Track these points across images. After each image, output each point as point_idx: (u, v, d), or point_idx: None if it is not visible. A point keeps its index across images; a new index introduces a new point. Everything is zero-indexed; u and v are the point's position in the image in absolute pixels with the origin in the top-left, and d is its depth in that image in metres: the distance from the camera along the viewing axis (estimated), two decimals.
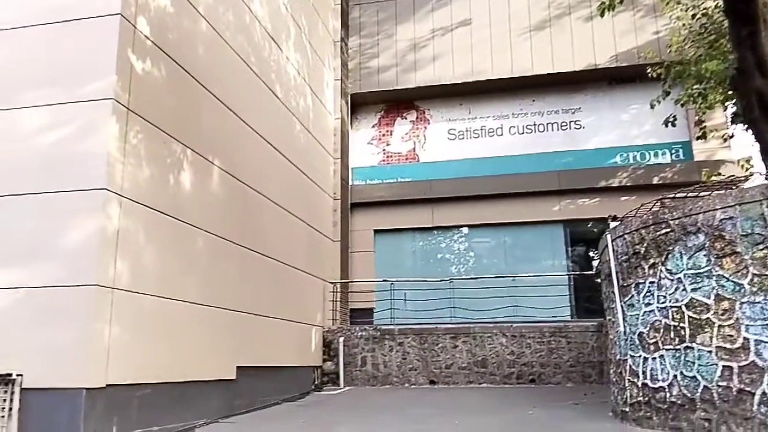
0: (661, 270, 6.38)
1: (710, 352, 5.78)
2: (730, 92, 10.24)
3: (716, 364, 5.71)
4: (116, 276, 6.50)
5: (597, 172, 14.02)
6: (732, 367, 5.58)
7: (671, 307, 6.22)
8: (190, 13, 8.51)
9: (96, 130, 6.64)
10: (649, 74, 11.77)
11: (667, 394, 6.14)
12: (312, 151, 13.12)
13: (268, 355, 10.12)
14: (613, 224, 7.46)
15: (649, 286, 6.55)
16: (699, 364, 5.86)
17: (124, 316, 6.55)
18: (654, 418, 6.31)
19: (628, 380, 6.82)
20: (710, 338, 5.80)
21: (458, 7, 15.39)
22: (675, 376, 6.08)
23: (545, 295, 12.40)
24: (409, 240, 15.09)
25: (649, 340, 6.48)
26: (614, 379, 7.43)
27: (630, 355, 6.82)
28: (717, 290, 5.82)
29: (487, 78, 14.74)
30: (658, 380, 6.29)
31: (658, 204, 7.16)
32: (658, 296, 6.41)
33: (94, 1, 7.02)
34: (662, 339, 6.29)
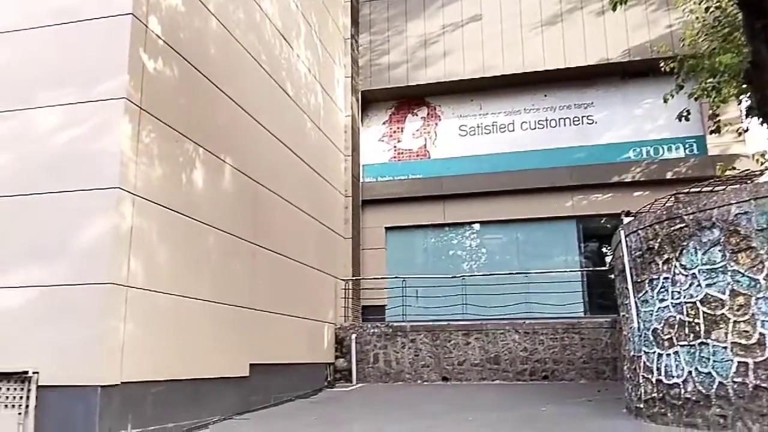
0: (676, 266, 6.33)
1: (725, 348, 5.73)
2: (745, 86, 10.15)
3: (731, 360, 5.66)
4: (130, 274, 6.55)
5: (610, 168, 13.92)
6: (747, 363, 5.53)
7: (686, 302, 6.17)
8: (201, 12, 8.55)
9: (109, 130, 6.68)
10: (662, 68, 11.66)
11: (682, 391, 6.10)
12: (323, 149, 13.14)
13: (280, 353, 10.16)
14: (626, 220, 7.41)
15: (663, 282, 6.50)
16: (714, 360, 5.81)
17: (138, 314, 6.60)
18: (669, 415, 6.27)
19: (643, 376, 6.78)
20: (725, 334, 5.75)
21: (469, 2, 15.33)
22: (690, 373, 6.03)
23: (558, 292, 12.34)
24: (421, 237, 15.08)
25: (663, 336, 6.44)
26: (628, 376, 7.39)
27: (644, 352, 6.78)
28: (732, 286, 5.77)
29: (499, 73, 14.68)
30: (672, 376, 6.25)
31: (672, 199, 7.10)
32: (672, 292, 6.35)
33: (105, 1, 7.06)
34: (677, 335, 6.24)
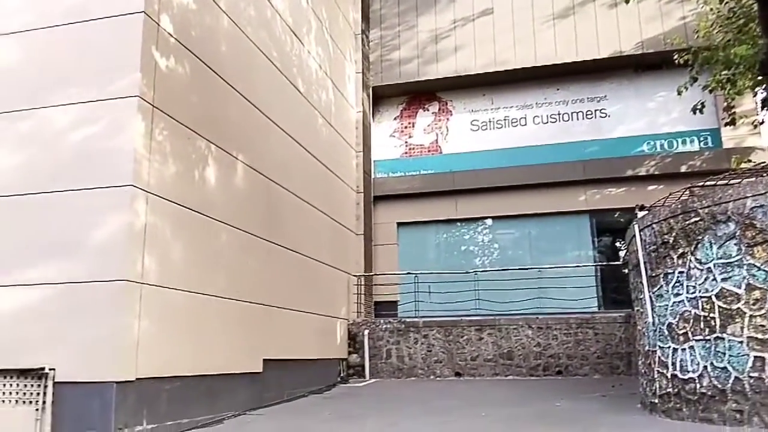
0: (691, 260, 6.27)
1: (741, 342, 5.68)
2: (760, 77, 10.02)
3: (747, 355, 5.61)
4: (144, 271, 6.60)
5: (623, 161, 13.82)
6: (764, 358, 5.48)
7: (701, 297, 6.12)
8: (212, 10, 8.57)
9: (122, 128, 6.73)
10: (676, 61, 11.53)
11: (698, 386, 6.05)
12: (334, 145, 13.15)
13: (293, 348, 10.21)
14: (640, 214, 7.35)
15: (678, 276, 6.44)
16: (730, 355, 5.76)
17: (153, 311, 6.65)
18: (684, 410, 6.22)
19: (657, 371, 6.73)
20: (741, 328, 5.70)
21: None
22: (705, 367, 5.98)
23: (571, 287, 12.28)
24: (433, 232, 15.07)
25: (678, 331, 6.39)
26: (643, 371, 7.34)
27: (659, 346, 6.73)
28: (748, 280, 5.71)
29: (510, 67, 14.60)
30: (687, 371, 6.20)
31: (687, 192, 7.02)
32: (687, 286, 6.30)
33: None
34: (692, 330, 6.19)
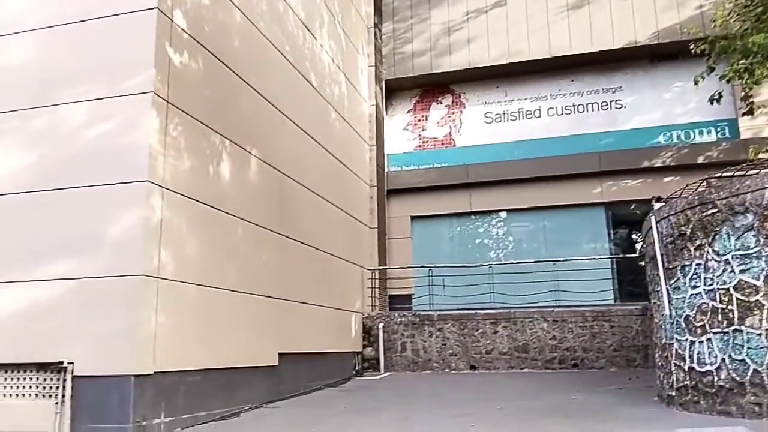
0: (708, 252, 6.21)
1: (760, 335, 5.62)
2: None
3: (766, 347, 5.55)
4: (161, 266, 6.65)
5: (639, 153, 13.69)
6: None
7: (719, 289, 6.06)
8: (225, 5, 8.58)
9: (137, 124, 6.78)
10: (693, 50, 11.34)
11: (715, 378, 6.00)
12: (348, 139, 13.15)
13: (309, 342, 10.26)
14: (657, 205, 7.29)
15: (695, 269, 6.38)
16: (748, 347, 5.70)
17: (169, 305, 6.71)
18: (701, 403, 6.18)
19: (675, 364, 6.68)
20: (759, 321, 5.64)
21: None
22: (723, 360, 5.93)
23: (587, 279, 12.21)
24: (447, 226, 15.04)
25: (695, 324, 6.33)
26: (660, 364, 7.29)
27: (676, 339, 6.68)
28: (766, 271, 5.64)
29: (524, 59, 14.50)
30: (705, 364, 6.15)
31: (704, 184, 6.95)
32: (704, 278, 6.24)
33: None
34: (709, 322, 6.14)
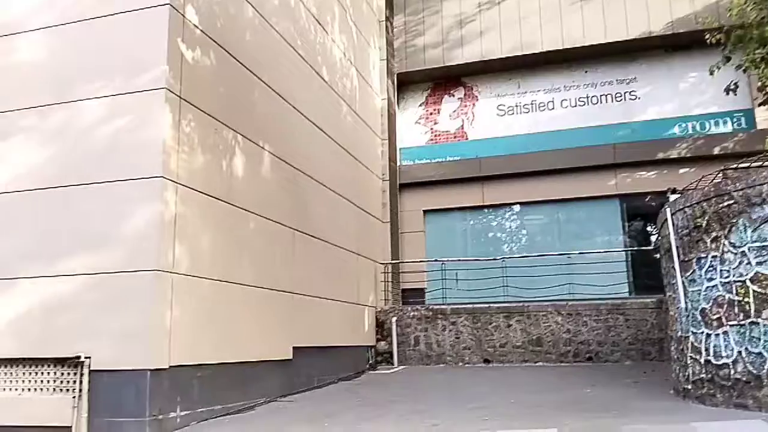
0: (724, 243, 6.14)
1: None
2: None
3: None
4: (175, 261, 6.70)
5: (654, 144, 13.54)
6: None
7: (735, 281, 5.99)
8: (237, 0, 8.60)
9: (150, 120, 6.82)
10: (708, 40, 11.16)
11: (732, 371, 5.95)
12: (360, 133, 13.14)
13: (322, 336, 10.29)
14: (672, 197, 7.22)
15: (711, 261, 6.32)
16: (765, 340, 5.64)
17: (184, 300, 6.76)
18: (718, 396, 6.12)
19: (690, 357, 6.63)
20: None
21: None
22: (739, 353, 5.87)
23: (602, 272, 12.13)
24: (460, 219, 14.98)
25: (711, 316, 6.27)
26: (675, 357, 7.24)
27: (692, 332, 6.62)
28: None
29: (537, 51, 14.38)
30: (721, 357, 6.09)
31: (720, 175, 6.87)
32: (721, 271, 6.18)
33: None
34: (726, 315, 6.08)
